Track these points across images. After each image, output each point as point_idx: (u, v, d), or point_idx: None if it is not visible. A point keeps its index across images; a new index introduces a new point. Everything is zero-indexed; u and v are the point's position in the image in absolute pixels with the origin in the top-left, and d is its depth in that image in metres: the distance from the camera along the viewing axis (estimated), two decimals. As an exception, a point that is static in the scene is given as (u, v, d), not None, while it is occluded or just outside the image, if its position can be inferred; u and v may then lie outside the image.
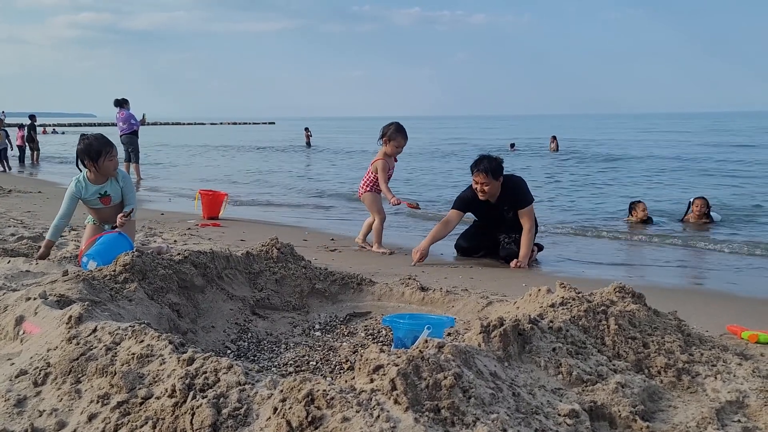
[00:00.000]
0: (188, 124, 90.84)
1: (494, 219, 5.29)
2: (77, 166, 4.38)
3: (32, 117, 18.83)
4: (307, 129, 31.68)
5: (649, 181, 13.93)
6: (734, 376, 2.20)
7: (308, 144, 30.30)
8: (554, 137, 24.47)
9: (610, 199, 11.01)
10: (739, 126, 52.44)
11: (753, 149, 23.41)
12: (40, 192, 9.77)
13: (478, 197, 5.16)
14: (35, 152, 18.88)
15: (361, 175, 5.97)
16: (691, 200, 8.02)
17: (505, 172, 5.18)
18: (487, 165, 5.00)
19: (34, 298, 2.52)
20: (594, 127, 60.16)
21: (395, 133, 5.48)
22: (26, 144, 18.39)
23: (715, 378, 2.18)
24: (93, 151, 4.22)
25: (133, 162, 13.14)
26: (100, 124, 73.59)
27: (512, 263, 5.05)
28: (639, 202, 8.16)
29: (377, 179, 5.51)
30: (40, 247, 4.77)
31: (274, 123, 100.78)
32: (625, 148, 26.23)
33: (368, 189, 5.56)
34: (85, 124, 78.25)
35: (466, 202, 5.33)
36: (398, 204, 5.40)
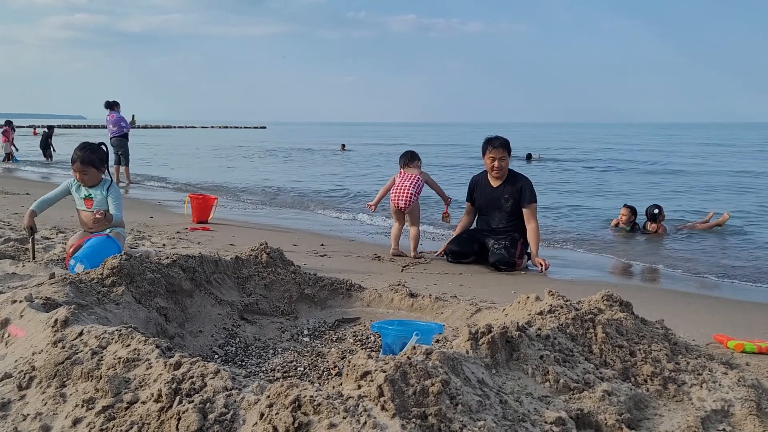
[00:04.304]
0: (179, 127, 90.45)
1: (492, 204, 5.49)
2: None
3: (51, 128, 21.37)
4: (343, 145, 32.25)
5: (631, 188, 14.13)
6: (720, 385, 2.22)
7: (343, 148, 30.92)
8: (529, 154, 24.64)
9: (595, 203, 11.09)
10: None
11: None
12: (27, 194, 9.69)
13: (483, 180, 5.55)
14: (49, 158, 20.13)
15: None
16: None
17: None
18: (503, 141, 5.40)
19: (20, 301, 2.50)
20: (593, 135, 60.64)
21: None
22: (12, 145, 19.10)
23: (701, 387, 2.19)
24: (71, 158, 4.44)
25: (123, 165, 13.06)
26: (89, 126, 73.01)
27: (539, 266, 5.20)
28: (623, 206, 8.20)
29: (420, 191, 5.70)
30: (27, 249, 4.74)
31: (265, 127, 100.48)
32: (621, 154, 26.58)
33: (417, 198, 5.66)
34: (75, 126, 77.63)
35: (471, 187, 5.71)
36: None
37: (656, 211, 7.91)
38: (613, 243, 7.31)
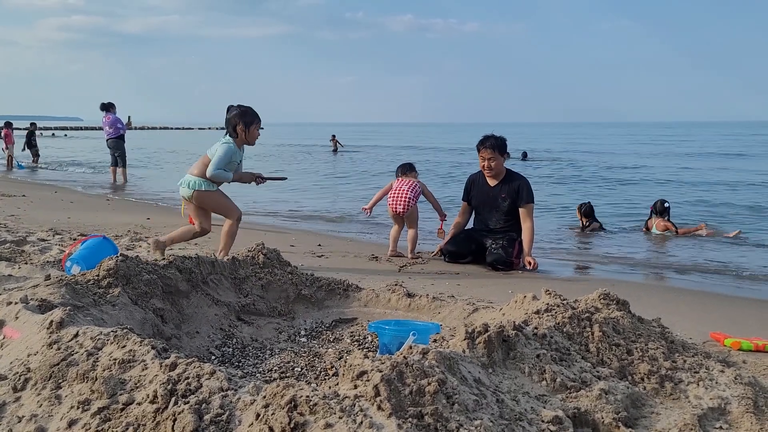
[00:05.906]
0: (176, 128, 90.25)
1: (489, 203, 5.49)
2: (229, 134, 4.47)
3: (33, 124, 20.30)
4: (333, 136, 31.90)
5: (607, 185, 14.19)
6: (717, 383, 2.22)
7: (335, 150, 30.70)
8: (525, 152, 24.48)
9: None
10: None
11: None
12: (24, 195, 9.67)
13: (480, 179, 5.55)
14: (36, 157, 19.49)
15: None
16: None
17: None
18: (493, 141, 5.38)
19: (15, 303, 2.49)
20: (591, 135, 60.50)
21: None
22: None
23: (698, 385, 2.19)
24: (249, 117, 4.42)
25: (120, 166, 13.06)
26: (86, 128, 72.80)
27: (528, 265, 5.20)
28: (580, 204, 7.96)
29: (417, 196, 5.73)
30: (23, 251, 4.72)
31: (263, 128, 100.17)
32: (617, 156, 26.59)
33: (415, 203, 5.70)
34: (72, 128, 77.40)
35: (467, 187, 5.71)
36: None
37: (666, 204, 7.41)
38: (595, 242, 7.31)
